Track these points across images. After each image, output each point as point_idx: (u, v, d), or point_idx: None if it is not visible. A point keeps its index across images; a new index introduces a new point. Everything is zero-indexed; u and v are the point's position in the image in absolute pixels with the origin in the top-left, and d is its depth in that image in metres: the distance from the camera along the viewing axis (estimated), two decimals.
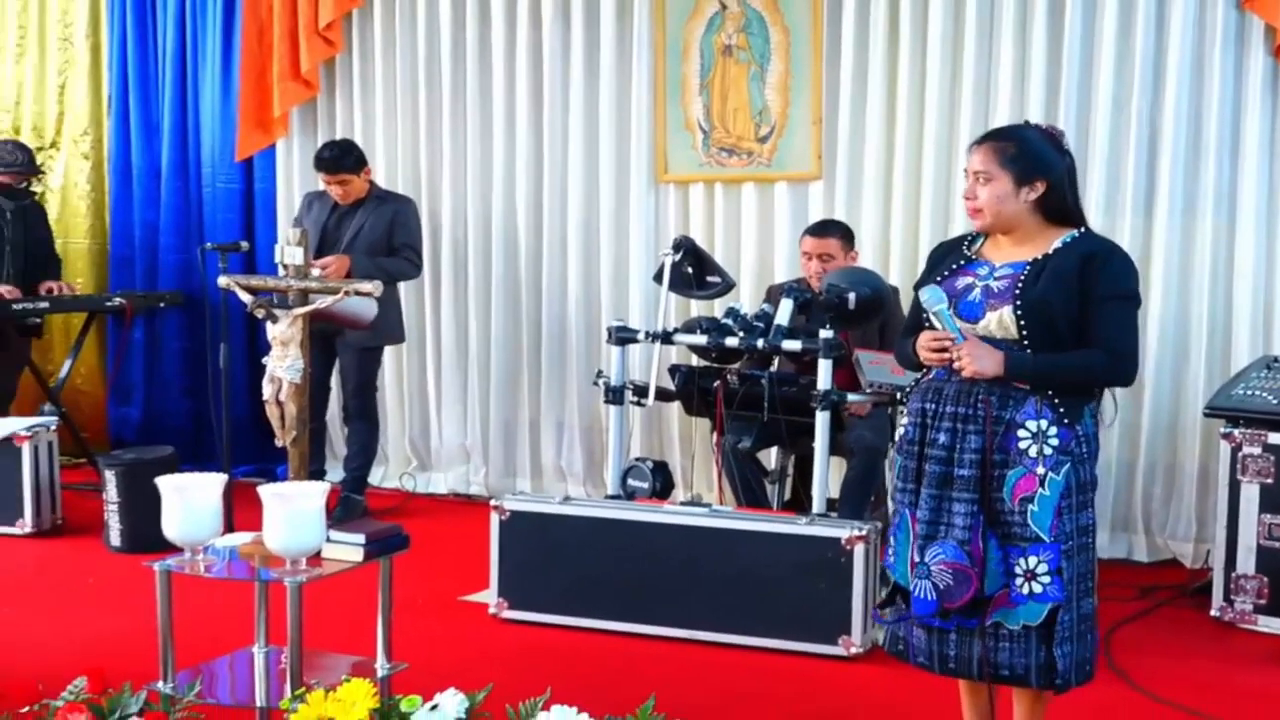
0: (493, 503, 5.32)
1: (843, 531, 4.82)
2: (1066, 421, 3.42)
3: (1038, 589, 3.42)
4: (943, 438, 3.49)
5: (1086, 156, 6.01)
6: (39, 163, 8.10)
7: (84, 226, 8.27)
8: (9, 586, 5.81)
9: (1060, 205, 3.52)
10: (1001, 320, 3.45)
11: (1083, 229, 3.54)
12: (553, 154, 7.20)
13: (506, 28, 7.20)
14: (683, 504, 5.36)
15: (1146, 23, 6.00)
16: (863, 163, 6.54)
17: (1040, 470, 3.41)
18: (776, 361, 5.77)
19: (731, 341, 5.27)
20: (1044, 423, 3.41)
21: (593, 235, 7.16)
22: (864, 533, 4.79)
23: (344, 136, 7.26)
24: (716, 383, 5.44)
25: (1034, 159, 3.49)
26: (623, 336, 5.50)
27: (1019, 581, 3.43)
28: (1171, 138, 6.02)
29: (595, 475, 7.21)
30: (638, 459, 5.68)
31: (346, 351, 6.76)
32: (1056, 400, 3.42)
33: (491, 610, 5.26)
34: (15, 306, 7.19)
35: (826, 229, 5.91)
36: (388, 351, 7.17)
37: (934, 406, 3.53)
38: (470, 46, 7.29)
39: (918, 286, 3.63)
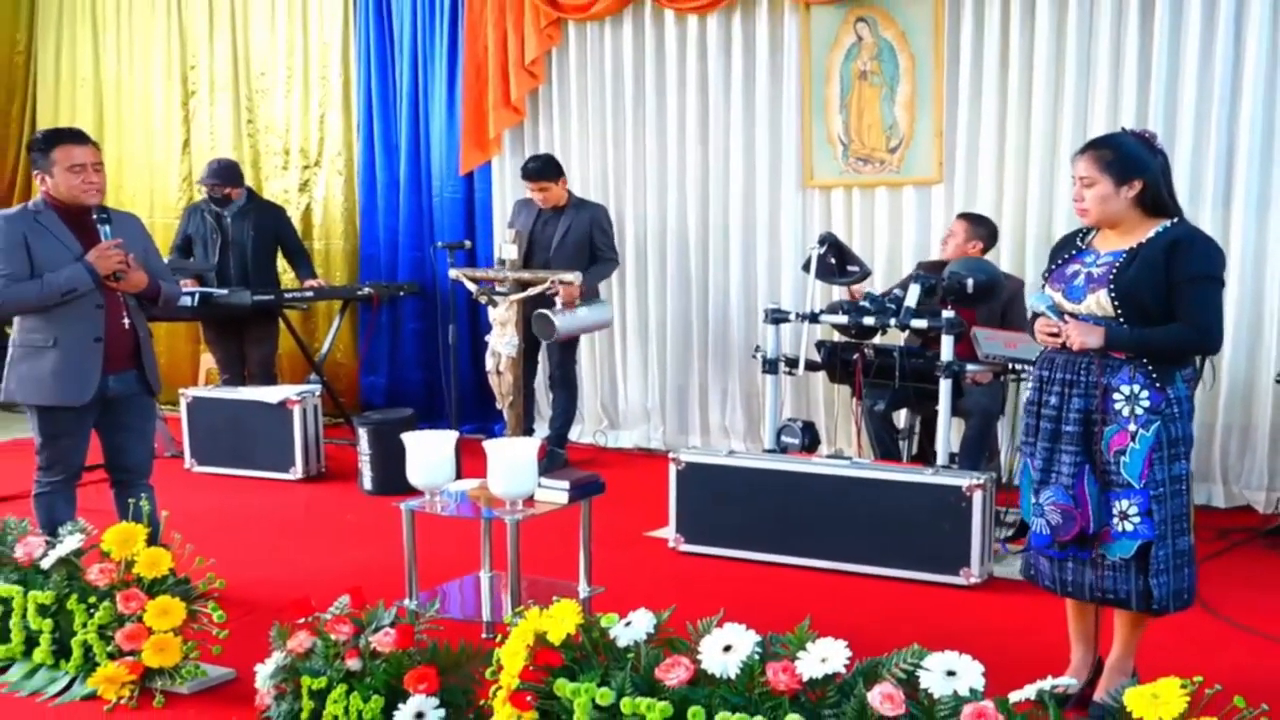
0: (670, 455, 5.36)
1: (963, 481, 4.78)
2: (1159, 385, 3.37)
3: (1129, 528, 3.40)
4: (1053, 399, 3.49)
5: (1172, 158, 5.65)
6: (302, 180, 8.35)
7: (340, 230, 8.44)
8: (284, 522, 5.99)
9: (1157, 199, 3.45)
10: (1099, 301, 3.40)
11: (1175, 220, 3.46)
12: (717, 165, 7.19)
13: (678, 60, 7.21)
14: (828, 457, 5.38)
15: (1226, 40, 5.80)
16: (978, 169, 6.43)
17: (1132, 428, 3.37)
18: (905, 337, 5.74)
19: (868, 321, 5.26)
20: (1136, 387, 3.37)
21: (750, 232, 7.14)
22: (981, 482, 4.75)
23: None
24: (855, 355, 5.42)
25: (1130, 161, 3.43)
26: (776, 317, 5.52)
27: (1115, 521, 3.41)
28: (1248, 141, 5.82)
29: (754, 433, 7.21)
30: (789, 419, 5.69)
31: None
32: (1150, 367, 3.37)
33: (671, 544, 5.30)
34: (287, 295, 7.40)
35: (976, 221, 5.88)
36: None
37: (1047, 374, 3.54)
38: (649, 77, 7.31)
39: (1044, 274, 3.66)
